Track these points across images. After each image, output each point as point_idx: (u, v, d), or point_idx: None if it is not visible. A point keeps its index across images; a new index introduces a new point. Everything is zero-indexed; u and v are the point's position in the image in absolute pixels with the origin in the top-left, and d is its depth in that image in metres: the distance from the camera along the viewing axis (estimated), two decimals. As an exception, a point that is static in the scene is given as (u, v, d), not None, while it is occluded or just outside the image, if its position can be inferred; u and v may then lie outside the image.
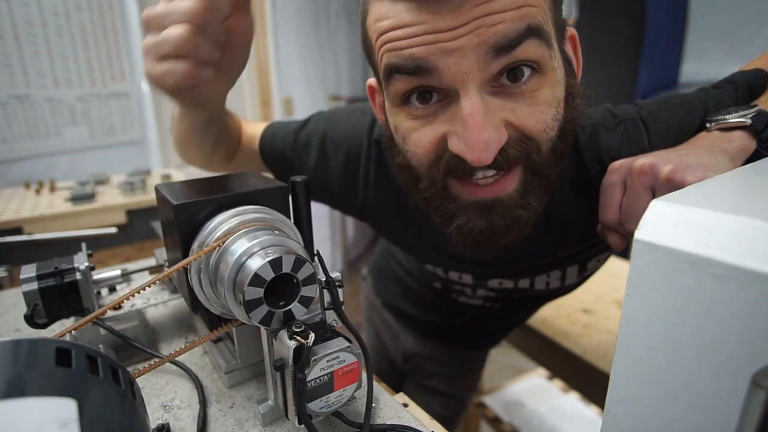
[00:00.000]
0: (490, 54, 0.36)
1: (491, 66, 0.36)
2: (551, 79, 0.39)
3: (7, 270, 0.77)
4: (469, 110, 0.37)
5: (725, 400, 0.20)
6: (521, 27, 0.35)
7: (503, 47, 0.35)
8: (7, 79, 1.50)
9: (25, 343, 0.23)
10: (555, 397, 1.30)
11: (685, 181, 0.36)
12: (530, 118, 0.39)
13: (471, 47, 0.35)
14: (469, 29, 0.35)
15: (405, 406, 0.42)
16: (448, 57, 0.36)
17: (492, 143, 0.37)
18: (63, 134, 1.63)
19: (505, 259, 0.56)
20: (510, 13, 0.35)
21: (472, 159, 0.37)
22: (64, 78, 1.61)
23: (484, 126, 0.36)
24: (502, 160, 0.39)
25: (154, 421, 0.40)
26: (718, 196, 0.23)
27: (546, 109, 0.39)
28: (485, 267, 0.59)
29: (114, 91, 1.73)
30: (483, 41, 0.35)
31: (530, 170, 0.41)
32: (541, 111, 0.39)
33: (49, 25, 1.55)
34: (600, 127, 0.48)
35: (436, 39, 0.36)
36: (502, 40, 0.35)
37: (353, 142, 0.59)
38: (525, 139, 0.39)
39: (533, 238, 0.53)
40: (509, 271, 0.60)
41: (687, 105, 0.47)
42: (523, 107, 0.39)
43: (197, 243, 0.37)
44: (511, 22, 0.35)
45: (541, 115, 0.39)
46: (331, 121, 0.61)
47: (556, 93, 0.40)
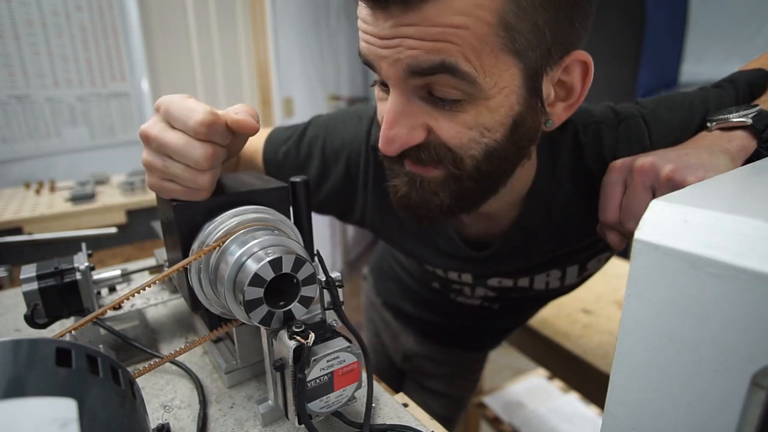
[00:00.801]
0: (406, 72, 0.38)
1: (409, 81, 0.39)
2: (478, 107, 0.39)
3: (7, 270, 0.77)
4: (388, 107, 0.41)
5: (725, 400, 0.20)
6: (435, 60, 0.36)
7: (416, 72, 0.37)
8: (7, 79, 1.50)
9: (25, 343, 0.23)
10: (555, 397, 1.30)
11: (685, 180, 0.36)
12: (447, 132, 0.40)
13: (393, 60, 0.38)
14: (393, 44, 0.37)
15: (405, 406, 0.42)
16: (380, 60, 0.39)
17: (395, 141, 0.41)
18: (63, 134, 1.63)
19: (504, 256, 0.56)
20: (426, 43, 0.36)
21: (380, 147, 0.42)
22: (64, 78, 1.61)
23: (392, 125, 0.40)
24: (417, 157, 0.43)
25: (154, 421, 0.40)
26: (718, 196, 0.23)
27: (464, 130, 0.40)
28: (485, 265, 0.59)
29: (114, 91, 1.73)
30: (401, 59, 0.37)
31: (450, 176, 0.43)
32: (459, 130, 0.40)
33: (49, 25, 1.55)
34: (602, 126, 0.48)
35: (374, 42, 0.39)
36: (415, 65, 0.37)
37: (352, 149, 0.60)
38: (444, 147, 0.41)
39: (533, 236, 0.53)
40: (509, 269, 0.60)
41: (688, 104, 0.47)
42: (444, 120, 0.40)
43: (197, 243, 0.37)
44: (426, 53, 0.36)
45: (458, 134, 0.40)
46: (329, 128, 0.62)
47: (483, 120, 0.39)
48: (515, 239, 0.54)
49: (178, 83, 1.89)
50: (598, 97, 0.54)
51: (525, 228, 0.52)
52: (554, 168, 0.50)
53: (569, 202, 0.50)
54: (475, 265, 0.60)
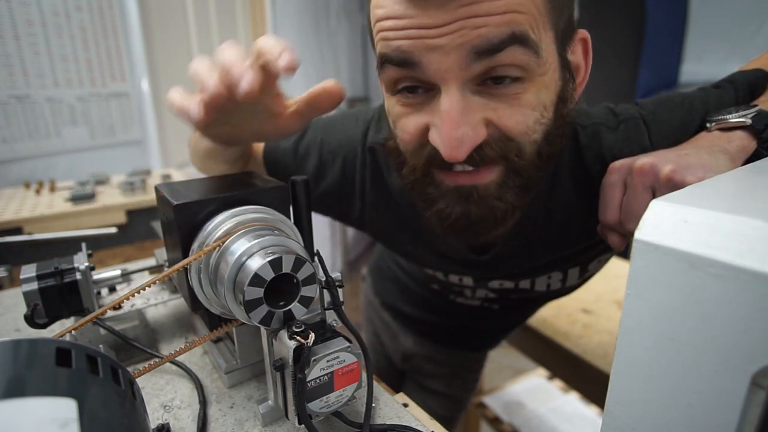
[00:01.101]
0: (471, 56, 0.36)
1: (472, 67, 0.36)
2: (537, 84, 0.39)
3: (7, 270, 0.77)
4: (447, 107, 0.37)
5: (725, 400, 0.20)
6: (505, 33, 0.35)
7: (485, 51, 0.36)
8: (7, 79, 1.50)
9: (25, 343, 0.23)
10: (555, 397, 1.30)
11: (685, 180, 0.36)
12: (511, 119, 0.39)
13: (453, 47, 0.35)
14: (453, 29, 0.35)
15: (405, 406, 0.42)
16: (431, 53, 0.36)
17: (465, 142, 0.38)
18: (63, 134, 1.63)
19: (505, 258, 0.56)
20: (495, 17, 0.35)
21: (445, 155, 0.38)
22: (64, 78, 1.61)
23: (458, 124, 0.37)
24: (478, 158, 0.40)
25: (154, 421, 0.40)
26: (718, 196, 0.23)
27: (528, 112, 0.39)
28: (486, 268, 0.59)
29: (114, 91, 1.73)
30: (465, 42, 0.35)
31: (511, 169, 0.41)
32: (523, 113, 0.39)
33: (49, 25, 1.55)
34: (601, 127, 0.48)
35: (421, 35, 0.36)
36: (484, 44, 0.35)
37: (348, 150, 0.60)
38: (506, 139, 0.40)
39: (534, 237, 0.53)
40: (510, 271, 0.60)
41: (688, 104, 0.47)
42: (505, 108, 0.39)
43: (197, 243, 0.37)
44: (495, 27, 0.35)
45: (523, 117, 0.39)
46: (327, 129, 0.62)
47: (542, 98, 0.39)
48: (516, 242, 0.54)
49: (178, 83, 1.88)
50: (598, 97, 0.54)
51: (526, 230, 0.52)
52: (555, 170, 0.50)
53: (570, 203, 0.50)
54: (476, 269, 0.60)
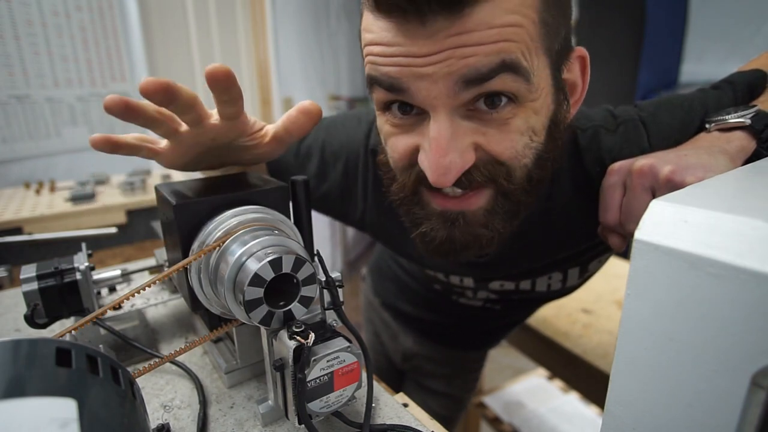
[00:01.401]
0: (459, 84, 0.36)
1: (461, 95, 0.36)
2: (527, 110, 0.38)
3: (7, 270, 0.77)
4: (435, 134, 0.37)
5: (725, 400, 0.20)
6: (494, 62, 0.35)
7: (473, 80, 0.35)
8: (7, 79, 1.50)
9: (25, 343, 0.23)
10: (555, 397, 1.30)
11: (684, 181, 0.36)
12: (500, 144, 0.39)
13: (441, 75, 0.35)
14: (441, 58, 0.35)
15: (405, 406, 0.42)
16: (420, 81, 0.36)
17: (452, 169, 0.37)
18: (63, 134, 1.63)
19: (505, 261, 0.56)
20: (484, 47, 0.34)
21: (432, 180, 0.38)
22: (64, 78, 1.61)
23: (446, 151, 0.37)
24: (467, 183, 0.40)
25: (154, 421, 0.40)
26: (717, 196, 0.23)
27: (518, 137, 0.39)
28: (486, 269, 0.59)
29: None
30: (453, 72, 0.35)
31: (500, 193, 0.41)
32: (512, 139, 0.39)
33: (49, 25, 1.55)
34: (600, 129, 0.49)
35: (409, 63, 0.36)
36: (473, 73, 0.35)
37: (350, 151, 0.59)
38: (495, 163, 0.39)
39: (533, 240, 0.53)
40: (510, 272, 0.60)
41: (687, 106, 0.47)
42: (494, 132, 0.38)
43: (197, 243, 0.37)
44: (485, 56, 0.35)
45: (512, 143, 0.39)
46: (329, 130, 0.61)
47: (532, 123, 0.39)
48: (516, 244, 0.54)
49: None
50: (598, 98, 0.54)
51: (526, 232, 0.52)
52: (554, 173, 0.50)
53: (570, 205, 0.50)
54: (477, 270, 0.60)
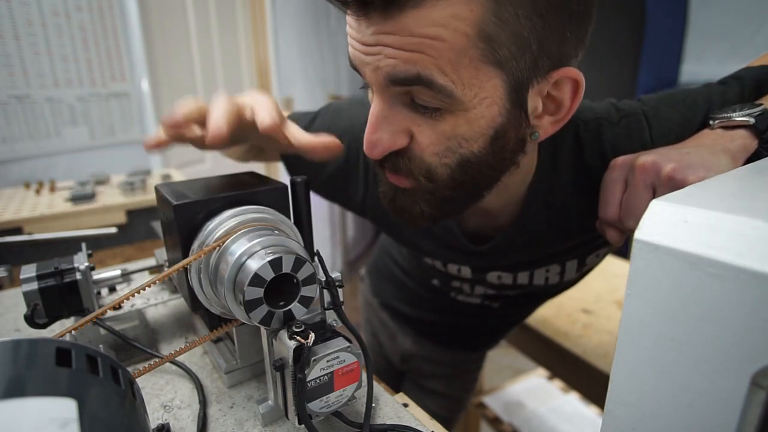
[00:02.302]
0: (386, 80, 0.38)
1: (391, 89, 0.39)
2: (458, 119, 0.38)
3: (7, 270, 0.77)
4: (372, 111, 0.41)
5: (725, 400, 0.20)
6: (411, 72, 0.36)
7: (395, 80, 0.37)
8: (7, 79, 1.50)
9: (25, 343, 0.23)
10: (555, 397, 1.30)
11: (686, 180, 0.36)
12: (428, 139, 0.40)
13: (374, 67, 0.38)
14: (374, 51, 0.37)
15: (405, 406, 0.42)
16: (364, 66, 0.39)
17: (378, 146, 0.41)
18: (63, 134, 1.63)
19: (504, 250, 0.56)
20: (403, 53, 0.35)
21: (365, 150, 0.42)
22: (64, 78, 1.61)
23: (375, 128, 0.41)
24: (392, 166, 0.43)
25: (154, 421, 0.40)
26: (718, 196, 0.23)
27: (444, 140, 0.40)
28: (484, 258, 0.59)
29: (114, 91, 1.73)
30: (381, 68, 0.37)
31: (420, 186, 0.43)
32: (438, 138, 0.40)
33: (49, 25, 1.55)
34: (603, 122, 0.49)
35: (358, 48, 0.39)
36: (393, 75, 0.37)
37: (353, 136, 0.60)
38: (419, 158, 0.41)
39: (533, 230, 0.53)
40: (508, 263, 0.60)
41: (690, 101, 0.46)
42: (426, 128, 0.40)
43: (197, 243, 0.37)
44: (403, 63, 0.36)
45: (437, 141, 0.40)
46: (335, 115, 0.63)
47: (462, 132, 0.39)
48: (515, 235, 0.54)
49: (178, 83, 1.89)
50: (598, 97, 0.54)
51: (525, 224, 0.53)
52: (555, 164, 0.50)
53: (569, 198, 0.51)
54: (475, 259, 0.60)
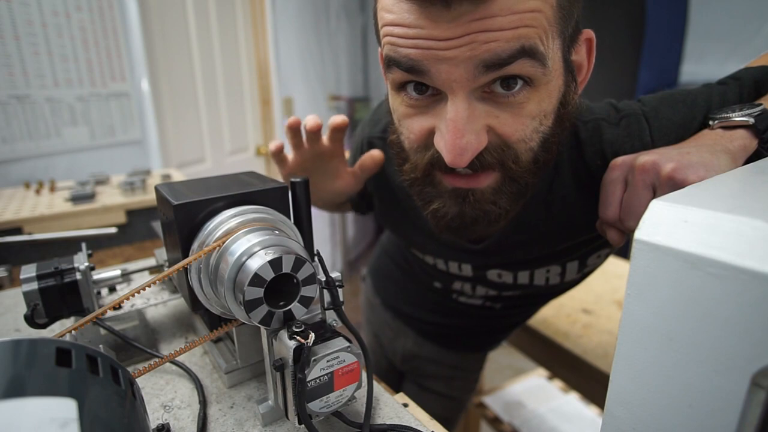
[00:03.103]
0: (480, 68, 0.36)
1: (480, 78, 0.37)
2: (541, 94, 0.39)
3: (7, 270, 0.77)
4: (453, 116, 0.38)
5: (725, 400, 0.20)
6: (514, 47, 0.36)
7: (493, 64, 0.36)
8: (7, 79, 1.49)
9: (25, 343, 0.23)
10: (555, 397, 1.30)
11: (686, 180, 0.36)
12: (510, 127, 0.40)
13: (463, 59, 0.36)
14: (463, 42, 0.35)
15: (405, 406, 0.42)
16: (441, 63, 0.37)
17: (468, 150, 0.39)
18: (63, 134, 1.63)
19: (503, 248, 0.57)
20: (505, 32, 0.35)
21: (449, 161, 0.40)
22: (64, 78, 1.61)
23: (463, 133, 0.38)
24: (479, 164, 0.41)
25: (154, 421, 0.40)
26: (718, 196, 0.23)
27: (528, 121, 0.40)
28: (484, 256, 0.59)
29: (114, 91, 1.73)
30: (474, 56, 0.36)
31: (507, 175, 0.42)
32: (523, 122, 0.40)
33: (49, 25, 1.55)
34: (602, 122, 0.49)
35: (431, 45, 0.36)
36: (493, 58, 0.36)
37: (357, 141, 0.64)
38: (504, 146, 0.41)
39: (531, 229, 0.54)
40: (508, 261, 0.60)
41: (690, 102, 0.47)
42: (507, 116, 0.40)
43: (197, 243, 0.37)
44: (505, 42, 0.35)
45: (522, 126, 0.40)
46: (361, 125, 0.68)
47: (544, 107, 0.40)
48: (514, 232, 0.54)
49: (178, 83, 1.89)
50: (598, 97, 0.54)
51: (524, 221, 0.53)
52: (555, 165, 0.50)
53: (569, 197, 0.51)
54: (475, 256, 0.60)
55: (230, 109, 2.15)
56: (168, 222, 0.40)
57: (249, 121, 2.28)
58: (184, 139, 1.94)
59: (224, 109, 2.11)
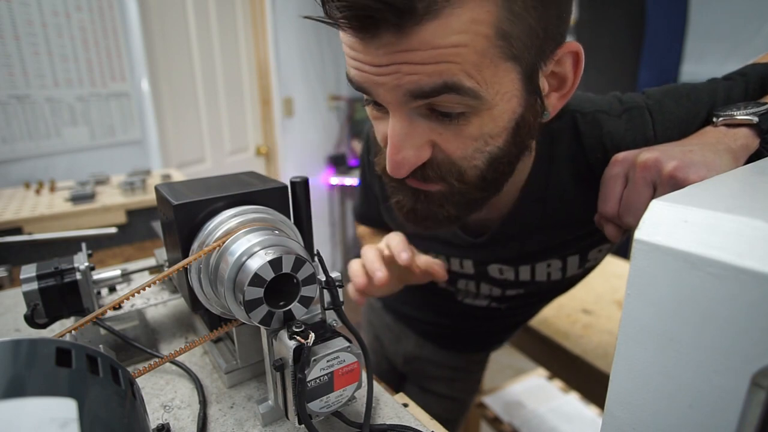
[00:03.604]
0: (407, 96, 0.37)
1: (412, 103, 0.38)
2: (483, 118, 0.39)
3: (7, 270, 0.77)
4: (391, 133, 0.40)
5: (725, 400, 0.20)
6: (436, 82, 0.35)
7: (418, 95, 0.37)
8: (7, 79, 1.49)
9: (25, 343, 0.23)
10: (555, 397, 1.30)
11: (687, 179, 0.36)
12: (453, 144, 0.40)
13: (392, 86, 0.37)
14: (390, 71, 0.36)
15: (405, 406, 0.42)
16: (377, 87, 0.38)
17: (405, 164, 0.40)
18: (63, 134, 1.63)
19: (502, 241, 0.57)
20: (426, 66, 0.35)
21: (389, 171, 0.42)
22: (64, 78, 1.61)
23: (399, 149, 0.40)
24: (421, 176, 0.42)
25: (154, 421, 0.40)
26: (718, 196, 0.23)
27: (470, 142, 0.40)
28: (484, 250, 0.59)
29: (114, 91, 1.73)
30: (400, 85, 0.36)
31: (451, 189, 0.43)
32: (465, 143, 0.40)
33: (49, 25, 1.55)
34: (602, 115, 0.49)
35: (366, 70, 0.38)
36: (417, 90, 0.36)
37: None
38: (448, 162, 0.41)
39: (528, 222, 0.54)
40: (508, 255, 0.60)
41: (694, 97, 0.46)
42: (449, 135, 0.40)
43: (197, 243, 0.37)
44: (427, 76, 0.35)
45: (464, 146, 0.40)
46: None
47: (488, 130, 0.40)
48: (512, 225, 0.55)
49: (178, 83, 1.89)
50: (598, 97, 0.54)
51: (521, 215, 0.53)
52: (552, 157, 0.50)
53: (567, 190, 0.51)
54: (475, 251, 0.60)
55: (230, 109, 2.15)
56: (168, 222, 0.40)
57: (249, 121, 2.28)
58: (184, 139, 1.94)
59: (224, 109, 2.11)
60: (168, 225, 0.41)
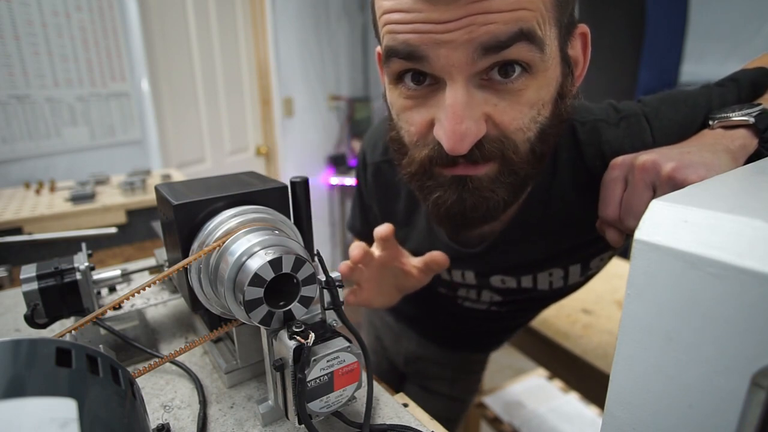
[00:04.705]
0: (479, 51, 0.36)
1: (479, 62, 0.37)
2: (540, 81, 0.39)
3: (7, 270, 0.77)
4: (452, 101, 0.38)
5: (725, 400, 0.20)
6: (513, 30, 0.35)
7: (492, 47, 0.36)
8: (7, 79, 1.49)
9: (25, 343, 0.23)
10: (555, 397, 1.30)
11: (686, 179, 0.36)
12: (509, 115, 0.39)
13: (461, 42, 0.36)
14: (461, 25, 0.35)
15: (405, 406, 0.42)
16: (439, 48, 0.36)
17: (468, 135, 0.38)
18: (63, 134, 1.63)
19: (502, 251, 0.57)
20: (503, 14, 0.35)
21: (449, 148, 0.39)
22: (64, 78, 1.61)
23: (462, 118, 0.38)
24: (478, 154, 0.40)
25: (154, 421, 0.40)
26: (718, 196, 0.23)
27: (526, 110, 0.40)
28: (484, 260, 0.59)
29: (114, 91, 1.72)
30: (473, 38, 0.35)
31: (505, 166, 0.42)
32: (522, 111, 0.39)
33: (49, 25, 1.55)
34: (600, 123, 0.49)
35: (429, 29, 0.36)
36: (492, 41, 0.35)
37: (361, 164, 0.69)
38: (502, 137, 0.40)
39: (530, 231, 0.54)
40: (509, 265, 0.60)
41: (691, 102, 0.47)
42: (506, 104, 0.39)
43: (197, 243, 0.37)
44: (503, 24, 0.35)
45: (521, 115, 0.40)
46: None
47: (542, 95, 0.40)
48: (512, 235, 0.54)
49: (178, 83, 1.89)
50: (598, 98, 0.54)
51: (523, 224, 0.53)
52: (554, 165, 0.50)
53: (568, 198, 0.51)
54: (476, 262, 0.60)
55: (230, 109, 2.14)
56: (168, 222, 0.40)
57: (249, 121, 2.28)
58: (184, 139, 1.94)
59: (224, 109, 2.11)
60: (168, 225, 0.41)
